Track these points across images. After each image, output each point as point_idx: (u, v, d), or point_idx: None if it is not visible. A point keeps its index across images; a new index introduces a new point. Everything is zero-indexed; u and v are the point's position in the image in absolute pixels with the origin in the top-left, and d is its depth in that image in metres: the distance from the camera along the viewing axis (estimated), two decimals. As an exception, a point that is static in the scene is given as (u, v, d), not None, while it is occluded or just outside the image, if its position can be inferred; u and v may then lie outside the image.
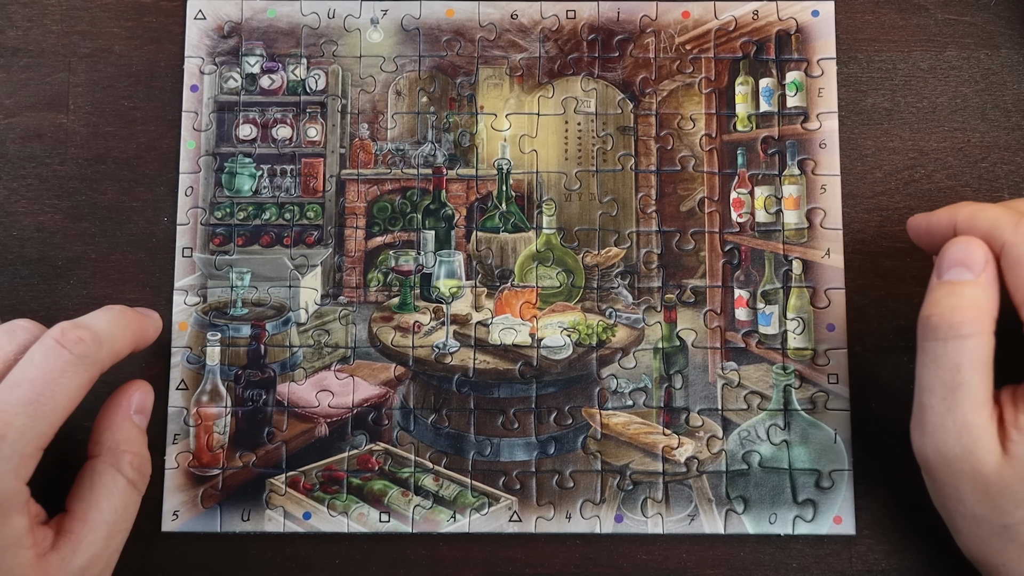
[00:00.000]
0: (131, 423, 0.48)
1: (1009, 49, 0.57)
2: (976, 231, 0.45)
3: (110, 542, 0.46)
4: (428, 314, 0.55)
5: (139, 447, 0.48)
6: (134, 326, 0.47)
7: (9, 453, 0.41)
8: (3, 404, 0.41)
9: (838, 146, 0.55)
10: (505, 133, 0.56)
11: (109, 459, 0.47)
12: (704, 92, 0.56)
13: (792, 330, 0.54)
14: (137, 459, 0.47)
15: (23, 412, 0.41)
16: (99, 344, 0.44)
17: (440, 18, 0.57)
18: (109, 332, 0.45)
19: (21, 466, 0.41)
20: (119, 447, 0.47)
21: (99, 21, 0.57)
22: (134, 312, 0.48)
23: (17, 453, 0.41)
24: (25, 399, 0.41)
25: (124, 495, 0.46)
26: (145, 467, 0.48)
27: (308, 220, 0.56)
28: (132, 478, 0.47)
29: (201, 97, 0.56)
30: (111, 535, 0.46)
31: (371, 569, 0.52)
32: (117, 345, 0.45)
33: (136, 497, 0.47)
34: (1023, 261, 0.43)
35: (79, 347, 0.43)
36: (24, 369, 0.42)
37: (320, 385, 0.54)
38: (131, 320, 0.47)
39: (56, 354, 0.42)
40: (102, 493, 0.46)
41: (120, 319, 0.46)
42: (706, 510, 0.52)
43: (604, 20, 0.57)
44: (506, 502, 0.52)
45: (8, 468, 0.41)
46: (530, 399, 0.54)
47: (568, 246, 0.55)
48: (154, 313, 0.51)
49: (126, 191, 0.55)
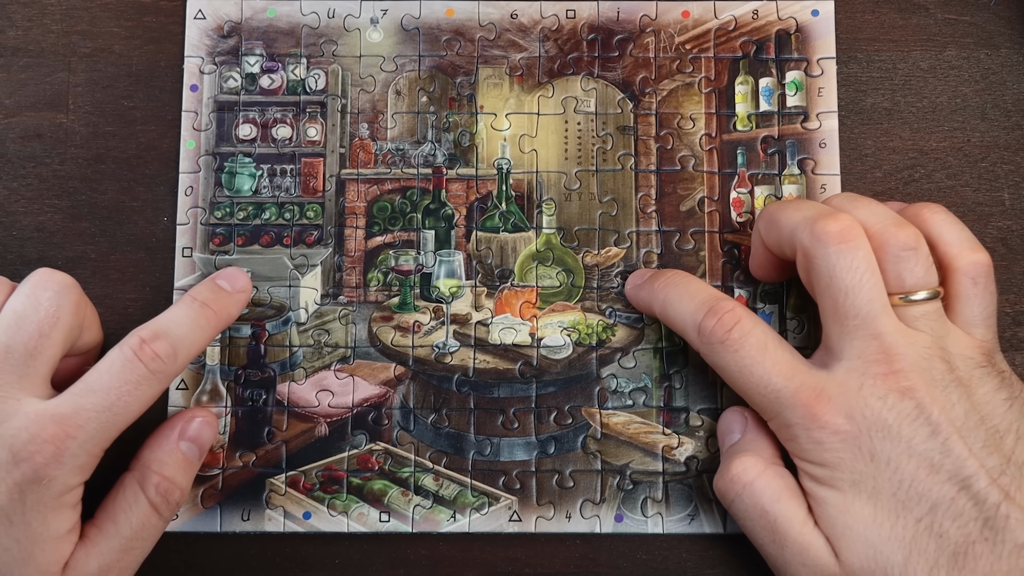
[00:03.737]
0: (174, 447, 0.48)
1: (1009, 49, 0.57)
2: (674, 328, 0.50)
3: (123, 556, 0.45)
4: (428, 314, 0.55)
5: (173, 473, 0.47)
6: (215, 322, 0.48)
7: (78, 451, 0.42)
8: (78, 407, 0.43)
9: (838, 146, 0.55)
10: (505, 133, 0.56)
11: (138, 475, 0.47)
12: (704, 92, 0.56)
13: (792, 330, 0.54)
14: (166, 484, 0.46)
15: (95, 418, 0.43)
16: (175, 357, 0.45)
17: (440, 18, 0.57)
18: (187, 339, 0.46)
19: (87, 464, 0.43)
20: (151, 467, 0.47)
21: (99, 21, 0.57)
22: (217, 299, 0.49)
23: (85, 452, 0.43)
24: (99, 406, 0.43)
25: (143, 515, 0.46)
26: (173, 495, 0.47)
27: (308, 220, 0.56)
28: (155, 501, 0.46)
29: (201, 97, 0.56)
30: (125, 550, 0.45)
31: (371, 569, 0.52)
32: (195, 349, 0.47)
33: (156, 521, 0.46)
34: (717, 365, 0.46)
35: (155, 364, 0.44)
36: (101, 375, 0.44)
37: (320, 385, 0.54)
38: (212, 317, 0.48)
39: (133, 367, 0.44)
40: (121, 507, 0.46)
41: (200, 319, 0.47)
42: (706, 510, 0.52)
43: (604, 20, 0.57)
44: (506, 502, 0.52)
45: (75, 465, 0.42)
46: (530, 399, 0.54)
47: (568, 246, 0.55)
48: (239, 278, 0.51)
49: (126, 191, 0.55)
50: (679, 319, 0.48)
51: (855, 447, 0.42)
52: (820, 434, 0.43)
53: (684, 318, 0.47)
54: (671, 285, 0.49)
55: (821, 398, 0.43)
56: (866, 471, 0.42)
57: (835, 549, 0.43)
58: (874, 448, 0.42)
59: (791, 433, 0.44)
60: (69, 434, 0.42)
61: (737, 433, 0.48)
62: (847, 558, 0.42)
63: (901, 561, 0.41)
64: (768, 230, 0.48)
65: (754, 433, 0.48)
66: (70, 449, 0.42)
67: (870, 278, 0.43)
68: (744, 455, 0.46)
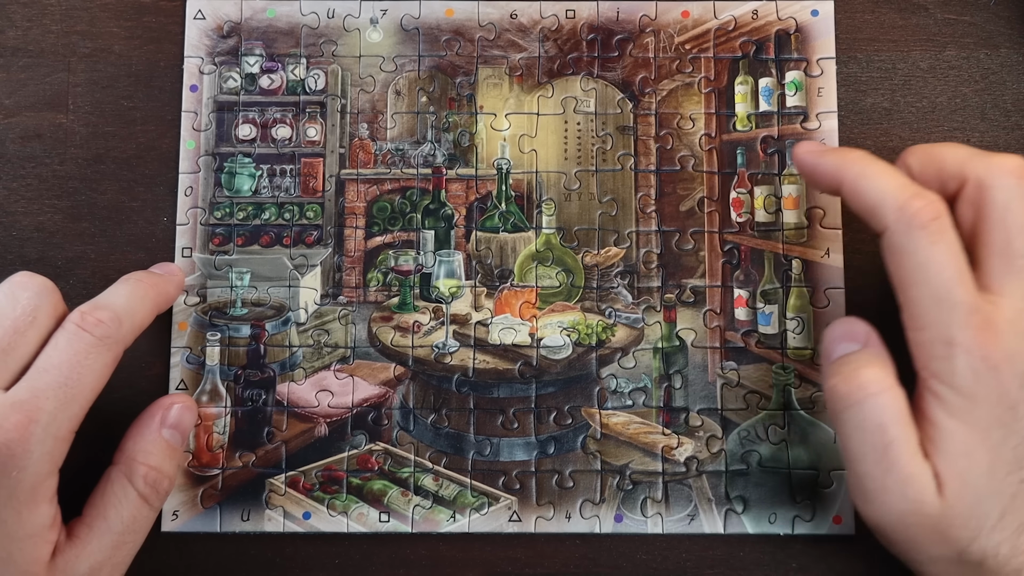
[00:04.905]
0: (157, 436, 0.47)
1: (1009, 49, 0.57)
2: (860, 201, 0.44)
3: (115, 552, 0.45)
4: (428, 314, 0.55)
5: (159, 462, 0.47)
6: (152, 293, 0.48)
7: (43, 436, 0.42)
8: (34, 390, 0.42)
9: (838, 146, 0.55)
10: (504, 133, 0.56)
11: (124, 468, 0.46)
12: (703, 92, 0.56)
13: (792, 330, 0.54)
14: (153, 474, 0.46)
15: (53, 396, 0.42)
16: (119, 323, 0.45)
17: (440, 18, 0.57)
18: (128, 308, 0.46)
19: (55, 449, 0.42)
20: (136, 458, 0.46)
21: (99, 21, 0.57)
22: (151, 277, 0.49)
23: (51, 436, 0.42)
24: (54, 383, 0.42)
25: (133, 507, 0.46)
26: (162, 484, 0.47)
27: (308, 220, 0.56)
28: (144, 492, 0.46)
29: (201, 97, 0.56)
30: (117, 545, 0.45)
31: (371, 569, 0.52)
32: (137, 319, 0.46)
33: (147, 512, 0.46)
34: (903, 250, 0.43)
35: (99, 329, 0.44)
36: (50, 355, 0.43)
37: (320, 385, 0.54)
38: (149, 288, 0.48)
39: (79, 338, 0.43)
40: (111, 502, 0.45)
41: (137, 291, 0.47)
42: (706, 510, 0.52)
43: (603, 20, 0.57)
44: (506, 502, 0.53)
45: (43, 451, 0.42)
46: (530, 399, 0.54)
47: (568, 246, 0.55)
48: (172, 267, 0.52)
49: (126, 191, 0.55)
50: (876, 192, 0.44)
51: (1001, 391, 0.41)
52: (980, 364, 0.41)
53: (884, 192, 0.43)
54: (867, 159, 0.46)
55: (990, 328, 0.41)
56: (1001, 418, 0.41)
57: (941, 486, 0.42)
58: (1018, 399, 0.41)
59: (949, 352, 0.41)
60: (31, 418, 0.41)
61: (858, 344, 0.45)
62: (952, 501, 0.41)
63: (997, 516, 0.41)
64: (927, 163, 0.45)
65: (879, 348, 0.45)
66: (35, 435, 0.41)
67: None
68: (874, 366, 0.44)
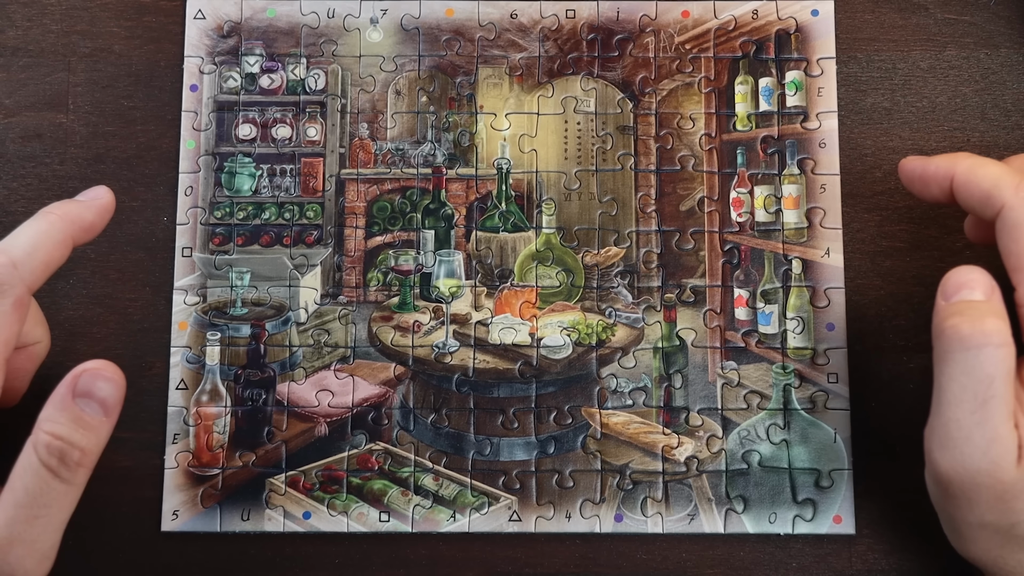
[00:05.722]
0: (66, 403, 0.42)
1: (1009, 49, 0.57)
2: (975, 187, 0.45)
3: (27, 528, 0.41)
4: (428, 314, 0.55)
5: (67, 432, 0.41)
6: (62, 225, 0.44)
7: None
8: None
9: (838, 145, 0.55)
10: (505, 133, 0.56)
11: (32, 437, 0.42)
12: (704, 91, 0.56)
13: (792, 329, 0.54)
14: (57, 443, 0.41)
15: None
16: (12, 266, 0.42)
17: (440, 17, 0.57)
18: (28, 247, 0.43)
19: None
20: (41, 426, 0.41)
21: (99, 21, 0.57)
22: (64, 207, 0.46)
23: None
24: None
25: (38, 478, 0.41)
26: (70, 455, 0.41)
27: (308, 220, 0.56)
28: (47, 461, 0.41)
29: (201, 97, 0.56)
30: (26, 520, 0.41)
31: (371, 569, 0.52)
32: (40, 257, 0.43)
33: (58, 485, 0.41)
34: (1021, 225, 0.43)
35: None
36: None
37: (320, 385, 0.54)
38: (57, 221, 0.44)
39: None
40: (17, 472, 0.41)
41: (42, 225, 0.44)
42: (706, 509, 0.52)
43: (604, 19, 0.57)
44: (506, 502, 0.52)
45: None
46: (530, 399, 0.54)
47: (568, 246, 0.55)
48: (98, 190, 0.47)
49: (126, 191, 0.55)
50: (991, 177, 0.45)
51: None
52: None
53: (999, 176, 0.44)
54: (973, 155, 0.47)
55: None
56: None
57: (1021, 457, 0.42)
58: None
59: None
60: None
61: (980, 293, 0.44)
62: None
63: None
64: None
65: (1001, 305, 0.43)
66: None
67: None
68: (1001, 319, 0.42)
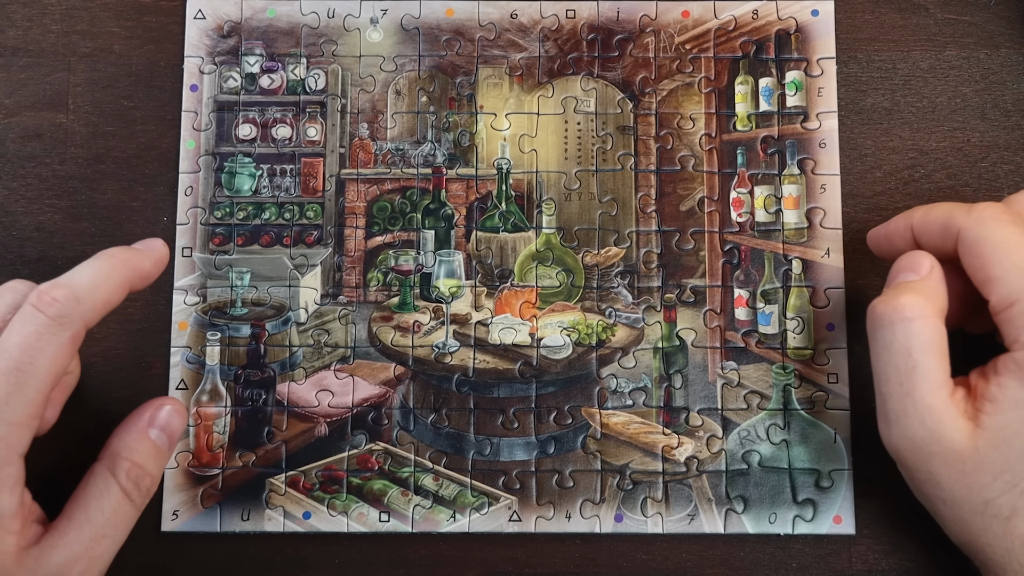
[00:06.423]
0: (143, 435, 0.46)
1: (1009, 49, 0.57)
2: (931, 226, 0.47)
3: (94, 546, 0.44)
4: (428, 314, 0.55)
5: (143, 459, 0.46)
6: (122, 269, 0.45)
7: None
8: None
9: (838, 146, 0.55)
10: (505, 133, 0.56)
11: (107, 463, 0.46)
12: (704, 92, 0.56)
13: (792, 330, 0.54)
14: (136, 470, 0.46)
15: (3, 382, 0.41)
16: (76, 301, 0.43)
17: (440, 18, 0.57)
18: (90, 285, 0.44)
19: (11, 435, 0.41)
20: (120, 453, 0.46)
21: (99, 21, 0.57)
22: (123, 252, 0.46)
23: (4, 422, 0.41)
24: (5, 369, 0.41)
25: (114, 501, 0.45)
26: (144, 481, 0.46)
27: (308, 220, 0.56)
28: (126, 487, 0.45)
29: (201, 97, 0.56)
30: (96, 539, 0.44)
31: (371, 569, 0.52)
32: (100, 296, 0.44)
33: (129, 509, 0.46)
34: (979, 240, 0.45)
35: (53, 308, 0.42)
36: (5, 338, 0.42)
37: (320, 385, 0.54)
38: (118, 264, 0.45)
39: (32, 318, 0.42)
40: (91, 494, 0.45)
41: (104, 266, 0.45)
42: (706, 510, 0.52)
43: (604, 20, 0.57)
44: (506, 502, 0.53)
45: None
46: (530, 399, 0.54)
47: (568, 246, 0.55)
48: (155, 242, 0.48)
49: (126, 191, 0.55)
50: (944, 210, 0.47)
51: None
52: None
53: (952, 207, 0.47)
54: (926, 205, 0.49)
55: None
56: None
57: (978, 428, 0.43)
58: None
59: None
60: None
61: (917, 275, 0.47)
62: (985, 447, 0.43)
63: None
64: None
65: (935, 281, 0.46)
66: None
67: None
68: (918, 295, 0.45)
